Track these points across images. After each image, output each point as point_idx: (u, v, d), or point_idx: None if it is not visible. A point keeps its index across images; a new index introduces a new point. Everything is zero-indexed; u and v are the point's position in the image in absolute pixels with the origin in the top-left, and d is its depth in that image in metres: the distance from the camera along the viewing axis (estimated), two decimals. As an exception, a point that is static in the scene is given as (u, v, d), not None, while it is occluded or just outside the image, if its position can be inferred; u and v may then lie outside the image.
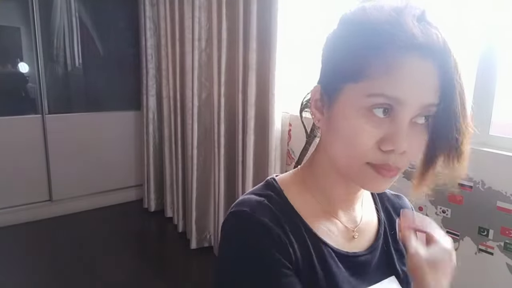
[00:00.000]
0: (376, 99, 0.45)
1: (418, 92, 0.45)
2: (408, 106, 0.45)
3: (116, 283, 2.10)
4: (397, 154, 0.46)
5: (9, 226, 2.60)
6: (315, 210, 0.57)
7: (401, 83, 0.44)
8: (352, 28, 0.49)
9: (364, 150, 0.47)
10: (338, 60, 0.50)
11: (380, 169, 0.48)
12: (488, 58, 1.25)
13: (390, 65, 0.44)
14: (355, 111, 0.47)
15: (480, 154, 1.22)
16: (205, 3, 2.15)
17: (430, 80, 0.45)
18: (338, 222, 0.59)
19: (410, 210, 0.60)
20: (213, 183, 2.26)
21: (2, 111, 2.59)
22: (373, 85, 0.45)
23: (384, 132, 0.46)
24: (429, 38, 0.44)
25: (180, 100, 2.51)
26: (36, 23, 2.62)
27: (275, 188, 0.57)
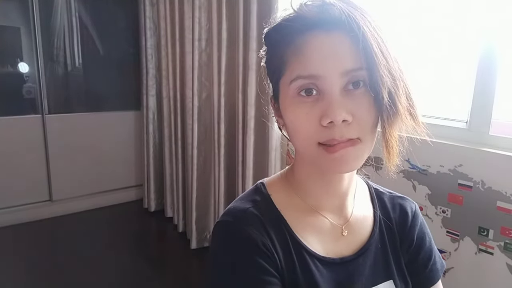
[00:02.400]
0: (296, 83, 0.49)
1: (331, 62, 0.47)
2: (327, 78, 0.47)
3: (116, 283, 2.10)
4: (339, 124, 0.47)
5: (9, 226, 2.60)
6: (301, 211, 0.58)
7: (309, 60, 0.48)
8: (269, 38, 0.56)
9: (309, 132, 0.49)
10: (269, 67, 0.57)
11: (329, 146, 0.49)
12: (488, 58, 1.25)
13: (296, 49, 0.49)
14: (289, 102, 0.51)
15: (480, 154, 1.22)
16: (205, 3, 2.15)
17: (340, 48, 0.47)
18: (326, 220, 0.58)
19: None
20: (213, 183, 2.26)
21: (2, 111, 2.59)
22: (290, 73, 0.50)
23: (319, 109, 0.48)
24: (326, 14, 0.48)
25: (180, 100, 2.51)
26: (36, 23, 2.62)
27: (263, 193, 0.59)
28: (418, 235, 0.64)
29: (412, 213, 0.65)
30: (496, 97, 1.25)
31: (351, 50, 0.47)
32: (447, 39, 1.42)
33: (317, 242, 0.56)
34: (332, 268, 0.55)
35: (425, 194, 1.37)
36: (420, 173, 1.37)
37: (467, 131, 1.33)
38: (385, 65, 0.47)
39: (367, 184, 0.68)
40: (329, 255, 0.56)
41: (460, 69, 1.40)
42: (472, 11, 1.31)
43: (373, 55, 0.46)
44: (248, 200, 0.58)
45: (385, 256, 0.60)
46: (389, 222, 0.63)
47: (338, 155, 0.48)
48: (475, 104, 1.30)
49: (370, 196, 0.66)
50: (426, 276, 0.63)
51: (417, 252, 0.63)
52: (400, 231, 0.64)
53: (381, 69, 0.46)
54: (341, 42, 0.47)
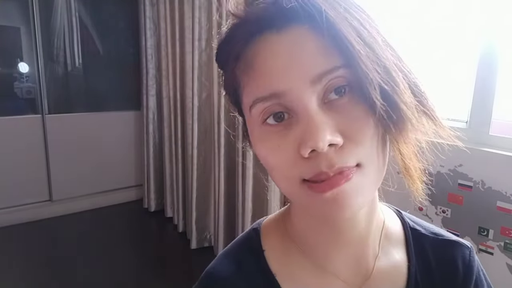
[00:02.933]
0: (256, 109, 0.36)
1: (293, 70, 0.34)
2: (294, 92, 0.34)
3: (116, 283, 2.09)
4: (326, 151, 0.33)
5: (9, 226, 2.60)
6: (304, 270, 0.44)
7: (263, 74, 0.35)
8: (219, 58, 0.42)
9: (288, 168, 0.36)
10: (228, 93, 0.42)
11: (315, 184, 0.35)
12: (488, 58, 1.25)
13: (247, 62, 0.36)
14: (256, 133, 0.38)
15: (480, 154, 1.22)
16: (205, 3, 2.15)
17: (303, 48, 0.34)
18: (337, 281, 0.43)
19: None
20: (213, 183, 2.26)
21: (2, 111, 2.59)
22: (247, 96, 0.37)
23: (296, 136, 0.35)
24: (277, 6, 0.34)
25: (180, 100, 2.51)
26: (36, 23, 2.62)
27: (254, 248, 0.46)
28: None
29: (463, 265, 0.47)
30: (496, 97, 1.25)
31: (317, 47, 0.34)
32: (447, 39, 1.42)
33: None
34: None
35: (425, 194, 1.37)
36: (420, 173, 1.36)
37: (467, 131, 1.33)
38: (369, 55, 0.33)
39: (401, 220, 0.50)
40: None
41: (460, 69, 1.40)
42: (472, 11, 1.31)
43: (348, 45, 0.32)
44: (233, 259, 0.46)
45: None
46: (428, 277, 0.46)
47: (330, 195, 0.34)
48: (475, 104, 1.30)
49: (405, 239, 0.48)
50: None
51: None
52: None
53: (364, 62, 0.32)
54: (302, 39, 0.34)
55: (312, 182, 0.35)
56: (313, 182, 0.35)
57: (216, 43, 0.41)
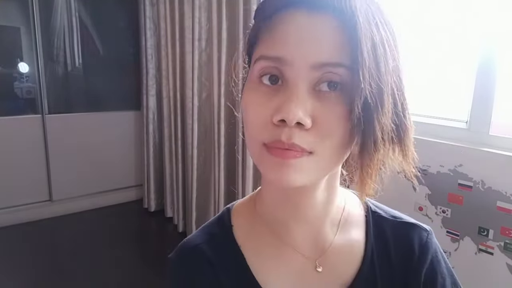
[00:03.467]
0: (258, 64, 0.40)
1: (303, 48, 0.37)
2: (295, 65, 0.37)
3: (116, 283, 2.09)
4: (292, 126, 0.36)
5: (9, 226, 2.60)
6: (266, 244, 0.48)
7: (281, 40, 0.38)
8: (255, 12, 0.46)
9: (257, 126, 0.39)
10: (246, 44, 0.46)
11: (272, 148, 0.38)
12: (488, 58, 1.26)
13: (271, 24, 0.39)
14: (248, 85, 0.42)
15: (480, 154, 1.22)
16: (205, 3, 2.15)
17: (320, 34, 0.37)
18: (298, 254, 0.47)
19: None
20: (213, 183, 2.26)
21: (2, 111, 2.59)
22: (257, 50, 0.41)
23: (277, 102, 0.38)
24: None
25: (180, 100, 2.51)
26: (36, 23, 2.61)
27: (224, 224, 0.51)
28: (427, 275, 0.48)
29: (420, 246, 0.49)
30: (496, 97, 1.26)
31: (334, 40, 0.36)
32: (447, 39, 1.42)
33: (283, 283, 0.46)
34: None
35: (425, 194, 1.37)
36: (420, 173, 1.36)
37: (467, 131, 1.33)
38: (371, 69, 0.36)
39: (367, 204, 0.53)
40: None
41: (460, 69, 1.40)
42: (473, 12, 1.31)
43: (358, 52, 0.35)
44: (205, 232, 0.51)
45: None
46: (387, 257, 0.49)
47: (277, 162, 0.38)
48: (475, 104, 1.31)
49: (366, 221, 0.51)
50: None
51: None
52: (403, 270, 0.48)
53: (364, 72, 0.35)
54: (324, 27, 0.37)
55: (269, 145, 0.38)
56: (270, 145, 0.38)
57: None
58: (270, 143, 0.38)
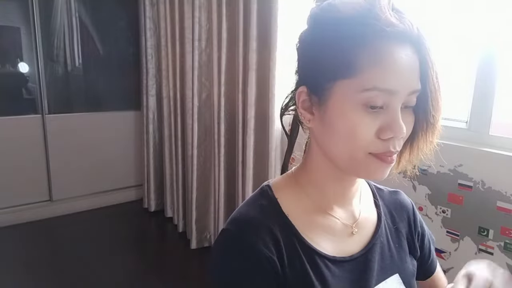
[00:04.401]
0: (369, 93, 0.46)
1: (406, 81, 0.47)
2: (399, 95, 0.47)
3: (116, 283, 2.09)
4: (396, 139, 0.49)
5: (9, 226, 2.60)
6: (311, 212, 0.57)
7: (389, 74, 0.46)
8: (329, 24, 0.49)
9: (366, 143, 0.48)
10: (323, 58, 0.50)
11: (383, 157, 0.49)
12: (488, 58, 1.26)
13: (377, 57, 0.46)
14: (352, 107, 0.48)
15: (480, 154, 1.22)
16: (205, 3, 2.15)
17: (414, 66, 0.47)
18: (336, 220, 0.58)
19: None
20: (213, 183, 2.26)
21: (2, 111, 2.59)
22: (365, 80, 0.46)
23: (380, 122, 0.48)
24: (405, 25, 0.46)
25: (180, 100, 2.51)
26: (36, 23, 2.61)
27: (269, 197, 0.57)
28: (421, 226, 0.69)
29: (411, 207, 0.69)
30: (496, 97, 1.25)
31: (418, 70, 0.48)
32: (447, 39, 1.42)
33: (327, 243, 0.56)
34: (344, 267, 0.55)
35: (425, 194, 1.37)
36: (420, 173, 1.37)
37: (467, 131, 1.33)
38: (439, 90, 0.49)
39: (368, 183, 0.69)
40: (340, 254, 0.56)
41: (460, 69, 1.40)
42: (473, 11, 1.31)
43: (435, 80, 0.48)
44: (254, 205, 0.57)
45: (390, 251, 0.62)
46: (391, 218, 0.65)
47: (386, 164, 0.50)
48: (475, 104, 1.31)
49: (373, 194, 0.67)
50: (431, 264, 0.70)
51: (422, 242, 0.68)
52: (407, 227, 0.67)
53: (439, 95, 0.49)
54: (413, 59, 0.47)
55: (378, 154, 0.49)
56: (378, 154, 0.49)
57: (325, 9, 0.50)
58: (380, 153, 0.49)
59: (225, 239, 0.54)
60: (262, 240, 0.51)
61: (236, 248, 0.52)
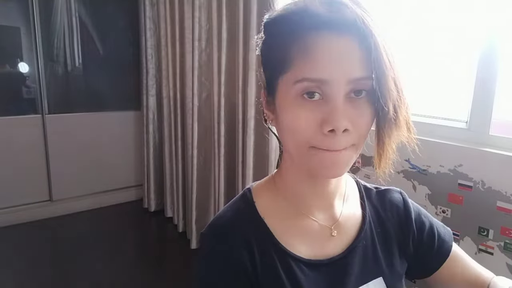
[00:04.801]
0: (301, 85, 0.46)
1: (340, 68, 0.45)
2: (335, 84, 0.45)
3: (116, 283, 2.09)
4: (340, 133, 0.46)
5: (9, 226, 2.60)
6: (287, 215, 0.57)
7: (318, 63, 0.45)
8: (270, 27, 0.52)
9: (307, 135, 0.48)
10: (268, 60, 0.53)
11: (323, 150, 0.48)
12: (488, 58, 1.25)
13: (305, 48, 0.46)
14: (290, 101, 0.48)
15: (480, 154, 1.22)
16: (205, 3, 2.15)
17: (350, 54, 0.45)
18: (314, 222, 0.57)
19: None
20: (213, 183, 2.26)
21: (2, 111, 2.59)
22: (296, 72, 0.47)
23: (321, 114, 0.47)
24: (337, 14, 0.45)
25: (180, 100, 2.51)
26: (36, 23, 2.62)
27: (247, 200, 0.58)
28: (416, 220, 0.65)
29: (402, 204, 0.65)
30: (496, 97, 1.25)
31: (360, 57, 0.45)
32: (447, 39, 1.42)
33: (304, 246, 0.56)
34: (320, 270, 0.55)
35: (425, 194, 1.37)
36: (420, 173, 1.37)
37: (467, 131, 1.33)
38: (393, 77, 0.46)
39: (357, 182, 0.67)
40: (317, 257, 0.56)
41: (460, 68, 1.40)
42: (473, 10, 1.31)
43: (383, 66, 0.45)
44: (231, 209, 0.58)
45: (375, 253, 0.60)
46: (378, 219, 0.63)
47: (330, 155, 0.48)
48: (475, 104, 1.30)
49: (360, 194, 0.65)
50: (437, 254, 0.63)
51: (420, 237, 0.63)
52: (397, 227, 0.63)
53: (390, 82, 0.45)
54: (352, 47, 0.45)
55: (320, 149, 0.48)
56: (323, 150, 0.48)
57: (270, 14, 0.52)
58: (322, 149, 0.47)
59: (202, 243, 0.56)
60: (234, 245, 0.53)
61: (210, 252, 0.54)
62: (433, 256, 0.63)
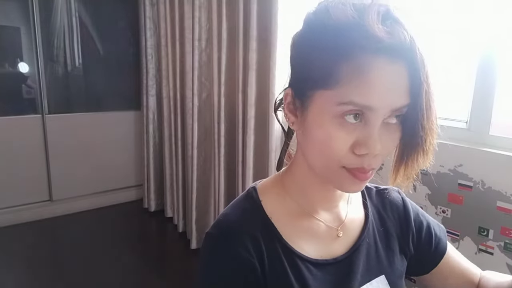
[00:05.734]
0: (346, 107, 0.45)
1: (389, 97, 0.44)
2: (380, 111, 0.45)
3: (116, 283, 2.09)
4: (371, 156, 0.47)
5: (9, 226, 2.60)
6: (295, 215, 0.57)
7: (369, 90, 0.43)
8: (317, 31, 0.48)
9: (339, 156, 0.47)
10: (307, 66, 0.49)
11: (355, 172, 0.48)
12: (489, 58, 1.25)
13: (357, 71, 0.43)
14: (328, 119, 0.47)
15: (480, 154, 1.22)
16: (205, 3, 2.15)
17: (400, 82, 0.44)
18: (321, 223, 0.58)
19: None
20: (213, 183, 2.26)
21: (2, 111, 2.59)
22: (342, 93, 0.44)
23: (356, 136, 0.46)
24: (396, 38, 0.43)
25: (180, 100, 2.51)
26: (36, 23, 2.62)
27: (253, 199, 0.57)
28: (415, 220, 0.66)
29: (401, 204, 0.67)
30: (496, 97, 1.25)
31: (407, 86, 0.44)
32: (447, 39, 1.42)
33: (311, 246, 0.56)
34: (327, 270, 0.55)
35: (425, 194, 1.37)
36: (420, 173, 1.36)
37: (467, 131, 1.33)
38: (429, 109, 0.45)
39: None
40: (323, 257, 0.56)
41: (460, 69, 1.40)
42: (473, 11, 1.31)
43: (429, 97, 0.45)
44: (237, 208, 0.58)
45: (377, 252, 0.61)
46: (380, 218, 0.64)
47: (361, 181, 0.49)
48: (475, 104, 1.30)
49: (362, 194, 0.66)
50: (434, 252, 0.65)
51: (419, 236, 0.65)
52: (397, 226, 0.65)
53: (429, 112, 0.45)
54: (402, 75, 0.44)
55: (351, 169, 0.48)
56: (353, 170, 0.48)
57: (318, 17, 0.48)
58: (353, 169, 0.48)
59: (207, 242, 0.55)
60: (242, 244, 0.52)
61: (217, 251, 0.53)
62: (431, 255, 0.65)
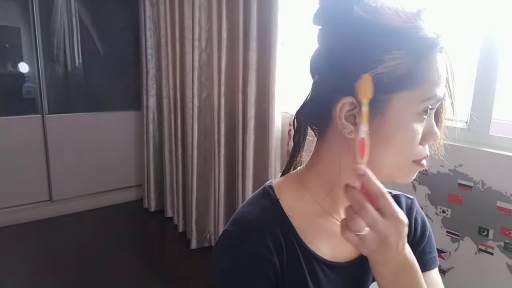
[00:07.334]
0: (429, 102, 0.48)
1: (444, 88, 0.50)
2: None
3: (116, 283, 2.09)
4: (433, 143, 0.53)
5: (9, 226, 2.60)
6: (313, 214, 0.56)
7: (441, 82, 0.49)
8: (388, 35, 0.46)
9: (416, 151, 0.51)
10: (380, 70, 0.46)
11: (422, 162, 0.52)
12: (488, 58, 1.25)
13: (432, 66, 0.48)
14: (413, 117, 0.49)
15: (480, 154, 1.22)
16: (205, 3, 2.15)
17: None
18: (338, 223, 0.58)
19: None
20: (213, 183, 2.26)
21: (2, 111, 2.59)
22: (425, 89, 0.48)
23: (422, 129, 0.50)
24: (444, 36, 0.49)
25: (180, 100, 2.51)
26: (36, 23, 2.61)
27: (271, 197, 0.57)
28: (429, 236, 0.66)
29: (405, 209, 0.66)
30: (496, 97, 1.25)
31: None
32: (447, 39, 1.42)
33: (327, 246, 0.56)
34: (340, 272, 0.55)
35: (425, 194, 1.37)
36: (420, 173, 1.37)
37: (467, 131, 1.33)
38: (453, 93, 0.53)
39: None
40: (338, 259, 0.56)
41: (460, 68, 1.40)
42: (473, 10, 1.31)
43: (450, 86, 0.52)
44: (256, 205, 0.56)
45: None
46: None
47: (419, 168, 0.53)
48: (475, 104, 1.30)
49: None
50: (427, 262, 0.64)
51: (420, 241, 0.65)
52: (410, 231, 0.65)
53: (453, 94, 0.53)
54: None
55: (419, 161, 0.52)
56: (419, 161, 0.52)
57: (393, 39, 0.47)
58: (419, 160, 0.51)
59: (226, 240, 0.54)
60: (263, 242, 0.51)
61: (237, 249, 0.52)
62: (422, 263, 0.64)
